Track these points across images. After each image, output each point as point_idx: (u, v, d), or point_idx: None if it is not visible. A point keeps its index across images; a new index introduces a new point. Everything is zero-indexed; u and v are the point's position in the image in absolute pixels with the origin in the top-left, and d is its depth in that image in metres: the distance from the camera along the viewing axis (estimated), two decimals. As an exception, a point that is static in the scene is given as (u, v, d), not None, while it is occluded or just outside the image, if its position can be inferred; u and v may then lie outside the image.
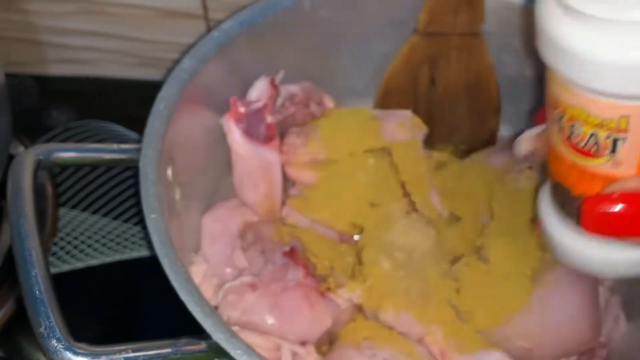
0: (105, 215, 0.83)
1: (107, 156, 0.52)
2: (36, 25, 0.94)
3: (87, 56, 0.98)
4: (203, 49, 0.60)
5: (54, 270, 0.78)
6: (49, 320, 0.39)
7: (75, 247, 0.80)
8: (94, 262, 0.79)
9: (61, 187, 0.84)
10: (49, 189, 0.84)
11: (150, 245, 0.47)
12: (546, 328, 0.55)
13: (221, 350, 0.41)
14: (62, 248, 0.79)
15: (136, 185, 0.50)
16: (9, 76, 0.95)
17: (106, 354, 0.40)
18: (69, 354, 0.39)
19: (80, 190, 0.85)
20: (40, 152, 0.49)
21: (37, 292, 0.40)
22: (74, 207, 0.84)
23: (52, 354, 0.39)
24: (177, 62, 0.58)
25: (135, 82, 0.99)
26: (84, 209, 0.83)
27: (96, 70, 1.00)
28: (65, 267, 0.78)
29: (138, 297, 0.79)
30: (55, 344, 0.39)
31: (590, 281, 0.56)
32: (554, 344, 0.55)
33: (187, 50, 0.61)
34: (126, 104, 1.00)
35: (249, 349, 0.41)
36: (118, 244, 0.81)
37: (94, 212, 0.83)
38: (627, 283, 0.63)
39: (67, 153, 0.51)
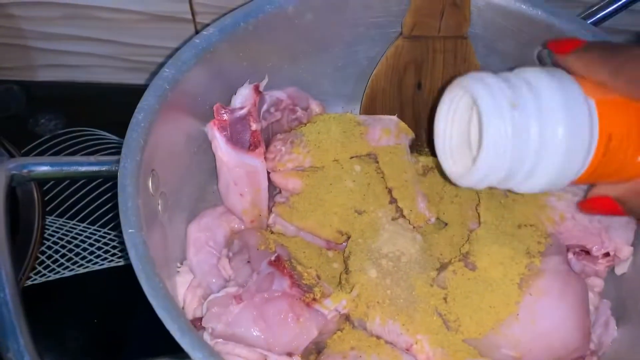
0: (92, 223, 0.82)
1: (84, 169, 0.51)
2: (24, 30, 0.93)
3: (76, 61, 0.97)
4: (184, 56, 0.59)
5: (41, 279, 0.78)
6: (17, 344, 0.38)
7: (63, 255, 0.80)
8: (81, 270, 0.79)
9: (49, 194, 0.84)
10: (36, 197, 0.84)
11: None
12: (535, 336, 0.54)
13: (200, 369, 0.41)
14: (49, 257, 0.79)
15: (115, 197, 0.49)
16: (-5, 82, 0.95)
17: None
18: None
19: (68, 198, 0.84)
20: (13, 166, 0.49)
21: (6, 314, 0.39)
22: (61, 215, 0.83)
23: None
24: (159, 65, 0.57)
25: (125, 87, 0.98)
26: (72, 217, 0.83)
27: (84, 76, 0.99)
28: (53, 276, 0.78)
29: (127, 306, 0.78)
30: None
31: (579, 288, 0.56)
32: (543, 353, 0.54)
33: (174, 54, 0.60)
34: (115, 109, 0.97)
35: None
36: (106, 252, 0.80)
37: (82, 220, 0.83)
38: (616, 287, 0.63)
39: (42, 167, 0.50)
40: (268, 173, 0.66)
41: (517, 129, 0.43)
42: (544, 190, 0.45)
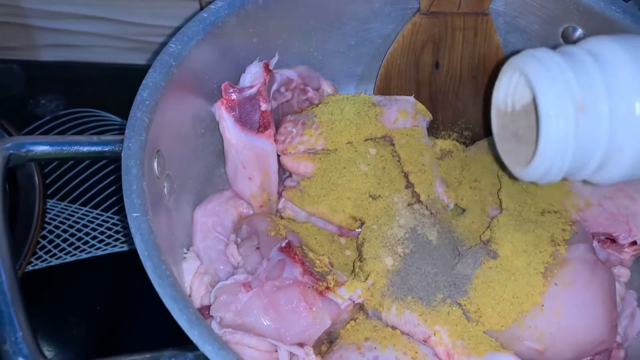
0: (95, 206, 0.80)
1: (86, 149, 0.48)
2: (24, 9, 0.89)
3: (77, 41, 0.94)
4: (191, 31, 0.56)
5: (42, 264, 0.75)
6: (15, 335, 0.36)
7: (65, 240, 0.77)
8: (84, 255, 0.76)
9: (50, 177, 0.81)
10: (37, 180, 0.81)
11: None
12: (560, 328, 0.51)
13: (208, 362, 0.38)
14: (51, 242, 0.76)
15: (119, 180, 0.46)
16: (-5, 62, 0.92)
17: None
18: (36, 375, 0.35)
19: (70, 181, 0.82)
20: (11, 146, 0.46)
21: (3, 305, 0.37)
22: (63, 198, 0.81)
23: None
24: (163, 45, 0.54)
25: (127, 67, 0.95)
26: (74, 201, 0.80)
27: (86, 56, 0.96)
28: (55, 261, 0.76)
29: (130, 292, 0.76)
30: (21, 362, 0.35)
31: (606, 278, 0.53)
32: (568, 345, 0.52)
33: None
34: (117, 90, 0.95)
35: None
36: (110, 237, 0.78)
37: (85, 204, 0.80)
38: (643, 277, 0.60)
39: (41, 147, 0.47)
40: (278, 156, 0.63)
41: (582, 127, 0.38)
42: (625, 178, 0.41)
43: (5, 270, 0.39)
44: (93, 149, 0.48)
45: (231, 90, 0.60)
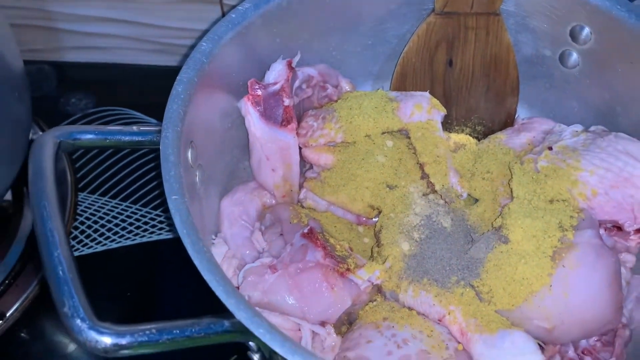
0: (124, 199, 0.84)
1: (127, 138, 0.52)
2: (54, 13, 0.94)
3: (104, 43, 0.98)
4: (220, 30, 0.60)
5: (75, 253, 0.79)
6: (72, 300, 0.40)
7: (96, 231, 0.81)
8: (114, 245, 0.80)
9: (81, 172, 0.86)
10: (69, 175, 0.85)
11: (172, 227, 0.47)
12: (568, 308, 0.54)
13: (244, 330, 0.42)
14: (82, 232, 0.81)
15: (156, 168, 0.50)
16: (27, 63, 0.96)
17: (130, 333, 0.40)
18: (93, 333, 0.39)
19: (100, 175, 0.86)
20: (60, 134, 0.50)
21: (61, 272, 0.41)
22: (94, 191, 0.85)
23: (77, 334, 0.39)
24: (193, 46, 0.58)
25: (152, 69, 1.00)
26: (104, 194, 0.84)
27: (113, 57, 1.00)
28: (86, 251, 0.80)
29: (158, 280, 0.80)
30: (80, 324, 0.39)
31: (612, 262, 0.56)
32: (575, 325, 0.55)
33: (203, 35, 0.61)
34: (143, 90, 1.00)
35: (272, 327, 0.42)
36: (138, 227, 0.82)
37: (114, 197, 0.84)
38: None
39: (87, 135, 0.51)
40: (300, 148, 0.66)
41: None
42: None
43: (61, 243, 0.42)
44: (133, 138, 0.52)
45: (257, 87, 0.63)
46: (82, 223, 0.82)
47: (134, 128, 0.52)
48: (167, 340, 0.41)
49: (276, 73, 0.65)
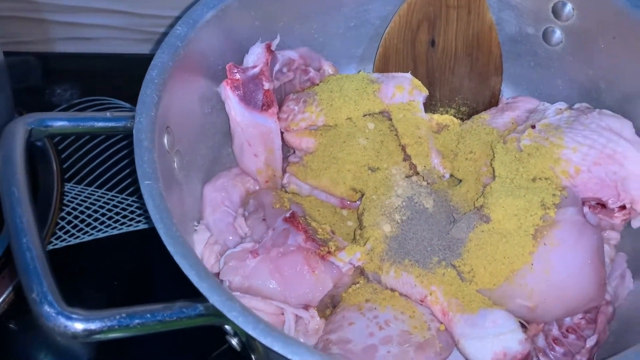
0: (110, 189, 0.84)
1: (100, 125, 0.52)
2: (41, 4, 0.93)
3: (90, 34, 0.98)
4: (196, 14, 0.59)
5: (61, 244, 0.79)
6: (41, 286, 0.40)
7: (83, 221, 0.81)
8: (101, 235, 0.80)
9: (67, 162, 0.85)
10: (55, 166, 0.85)
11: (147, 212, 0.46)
12: (550, 286, 0.54)
13: (218, 313, 0.41)
14: (69, 222, 0.81)
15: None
16: (13, 54, 0.96)
17: (100, 318, 0.40)
18: (62, 319, 0.39)
19: (86, 165, 0.86)
20: (32, 121, 0.49)
21: (29, 258, 0.41)
22: (80, 182, 0.85)
23: (45, 320, 0.39)
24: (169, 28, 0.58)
25: (139, 58, 0.99)
26: (90, 184, 0.84)
27: (99, 47, 0.99)
28: (73, 241, 0.79)
29: (146, 269, 0.79)
30: (48, 309, 0.39)
31: (594, 239, 0.55)
32: (557, 303, 0.55)
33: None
34: (130, 80, 0.98)
35: (245, 309, 0.41)
36: (125, 217, 0.82)
37: (100, 186, 0.84)
38: (633, 241, 0.62)
39: (59, 122, 0.51)
40: (282, 133, 0.66)
41: None
42: None
43: (30, 230, 0.42)
44: (107, 124, 0.52)
45: (235, 71, 0.63)
46: (68, 213, 0.82)
47: (107, 114, 0.52)
48: (138, 325, 0.41)
49: (255, 56, 0.64)
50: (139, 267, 0.79)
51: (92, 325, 0.40)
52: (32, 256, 0.41)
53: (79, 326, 0.39)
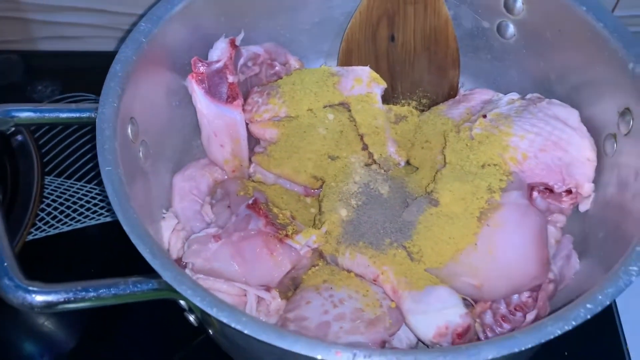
0: (89, 181, 0.87)
1: (65, 115, 0.55)
2: (22, 3, 0.96)
3: (72, 32, 1.00)
4: (159, 11, 0.62)
5: (41, 234, 0.82)
6: (1, 261, 0.43)
7: (62, 212, 0.84)
8: (79, 225, 0.83)
9: (48, 156, 0.88)
10: (35, 159, 0.88)
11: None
12: (494, 265, 0.57)
13: (169, 288, 0.44)
14: (49, 214, 0.84)
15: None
16: (-5, 52, 0.99)
17: (56, 291, 0.43)
18: (20, 292, 0.42)
19: (65, 160, 0.89)
20: (-2, 112, 0.52)
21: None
22: (59, 175, 0.88)
23: (5, 292, 0.42)
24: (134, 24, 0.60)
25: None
26: (69, 177, 0.87)
27: (80, 45, 1.02)
28: (52, 231, 0.83)
29: (124, 258, 0.82)
30: (8, 282, 0.42)
31: (537, 220, 0.59)
32: (502, 281, 0.58)
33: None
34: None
35: (194, 284, 0.44)
36: (102, 207, 0.85)
37: (79, 179, 0.87)
38: (580, 224, 0.65)
39: (24, 113, 0.54)
40: (247, 124, 0.69)
41: None
42: None
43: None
44: (72, 115, 0.55)
45: (200, 65, 0.66)
46: (48, 205, 0.85)
47: (72, 105, 0.55)
48: (94, 297, 0.44)
49: (219, 51, 0.67)
50: (116, 256, 0.82)
51: (50, 297, 0.43)
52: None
53: (37, 298, 0.42)
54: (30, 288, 0.42)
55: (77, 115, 0.55)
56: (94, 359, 0.74)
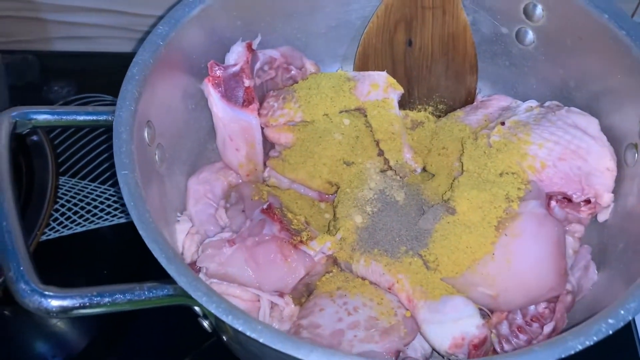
0: (103, 182, 0.87)
1: (82, 118, 0.55)
2: (38, 3, 0.97)
3: (88, 33, 1.01)
4: (177, 14, 0.62)
5: (55, 234, 0.82)
6: (18, 265, 0.43)
7: (75, 213, 0.84)
8: (92, 226, 0.83)
9: (62, 157, 0.89)
10: (50, 160, 0.88)
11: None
12: (510, 275, 0.56)
13: (184, 294, 0.44)
14: (62, 214, 0.84)
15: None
16: (12, 53, 1.00)
17: (72, 296, 0.43)
18: (36, 296, 0.42)
19: (80, 160, 0.89)
20: (17, 114, 0.52)
21: (8, 240, 0.44)
22: (74, 175, 0.88)
23: (21, 297, 0.42)
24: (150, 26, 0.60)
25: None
26: (84, 177, 0.87)
27: (96, 46, 1.03)
28: (66, 232, 0.83)
29: (137, 260, 0.82)
30: (24, 287, 0.42)
31: (555, 231, 0.58)
32: (519, 291, 0.57)
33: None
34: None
35: (210, 290, 0.44)
36: (116, 209, 0.85)
37: (93, 180, 0.87)
38: (599, 234, 0.64)
39: (43, 115, 0.54)
40: (262, 128, 0.69)
41: None
42: None
43: (10, 214, 0.45)
44: (88, 117, 0.55)
45: (216, 68, 0.66)
46: (62, 206, 0.85)
47: (89, 108, 0.55)
48: (109, 303, 0.44)
49: (236, 55, 0.67)
50: (129, 258, 0.82)
51: (65, 302, 0.43)
52: (11, 238, 0.44)
53: (53, 303, 0.42)
54: (46, 293, 0.42)
55: (94, 118, 0.55)
56: (106, 358, 0.74)
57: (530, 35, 0.70)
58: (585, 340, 0.42)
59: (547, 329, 0.56)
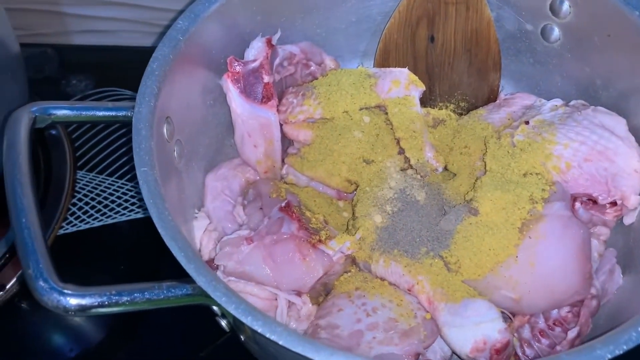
0: (120, 177, 0.87)
1: (101, 114, 0.55)
2: (58, -3, 0.97)
3: (106, 26, 1.01)
4: (197, 8, 0.61)
5: (72, 229, 0.82)
6: (37, 262, 0.42)
7: (93, 207, 0.84)
8: (109, 221, 0.83)
9: (80, 150, 0.89)
10: (68, 154, 0.88)
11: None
12: (534, 278, 0.55)
13: (203, 293, 0.44)
14: (80, 208, 0.84)
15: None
16: (31, 46, 1.00)
17: (91, 294, 0.43)
18: (55, 294, 0.42)
19: (98, 155, 0.89)
20: (36, 109, 0.52)
21: (27, 236, 0.43)
22: (92, 169, 0.88)
23: (40, 294, 0.42)
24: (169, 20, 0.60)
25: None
26: (101, 172, 0.87)
27: (114, 40, 1.03)
28: (83, 226, 0.83)
29: (154, 255, 0.82)
30: (43, 284, 0.42)
31: (580, 233, 0.56)
32: (542, 295, 0.56)
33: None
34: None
35: (229, 290, 0.44)
36: (133, 204, 0.84)
37: (111, 174, 0.87)
38: (624, 237, 0.63)
39: (62, 110, 0.53)
40: (281, 125, 0.68)
41: None
42: None
43: (30, 210, 0.45)
44: (108, 113, 0.55)
45: (236, 64, 0.65)
46: (80, 200, 0.85)
47: (109, 104, 0.55)
48: (127, 302, 0.43)
49: (255, 50, 0.66)
50: (146, 252, 0.82)
51: (84, 301, 0.42)
52: (30, 234, 0.44)
53: (71, 301, 0.42)
54: (65, 291, 0.42)
55: (114, 113, 0.54)
56: (121, 352, 0.74)
57: (556, 32, 0.69)
58: (615, 349, 0.40)
59: (572, 334, 0.55)
